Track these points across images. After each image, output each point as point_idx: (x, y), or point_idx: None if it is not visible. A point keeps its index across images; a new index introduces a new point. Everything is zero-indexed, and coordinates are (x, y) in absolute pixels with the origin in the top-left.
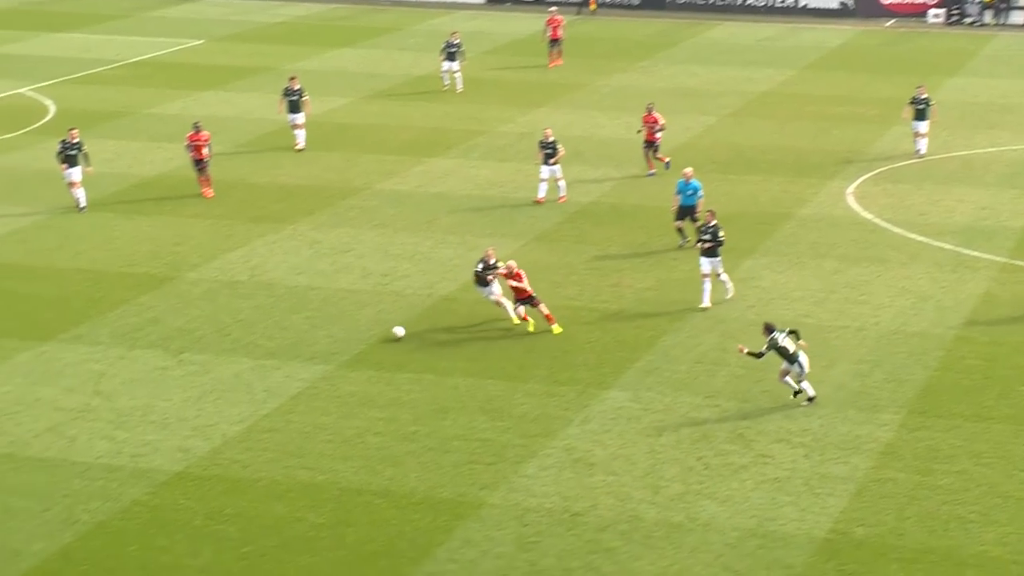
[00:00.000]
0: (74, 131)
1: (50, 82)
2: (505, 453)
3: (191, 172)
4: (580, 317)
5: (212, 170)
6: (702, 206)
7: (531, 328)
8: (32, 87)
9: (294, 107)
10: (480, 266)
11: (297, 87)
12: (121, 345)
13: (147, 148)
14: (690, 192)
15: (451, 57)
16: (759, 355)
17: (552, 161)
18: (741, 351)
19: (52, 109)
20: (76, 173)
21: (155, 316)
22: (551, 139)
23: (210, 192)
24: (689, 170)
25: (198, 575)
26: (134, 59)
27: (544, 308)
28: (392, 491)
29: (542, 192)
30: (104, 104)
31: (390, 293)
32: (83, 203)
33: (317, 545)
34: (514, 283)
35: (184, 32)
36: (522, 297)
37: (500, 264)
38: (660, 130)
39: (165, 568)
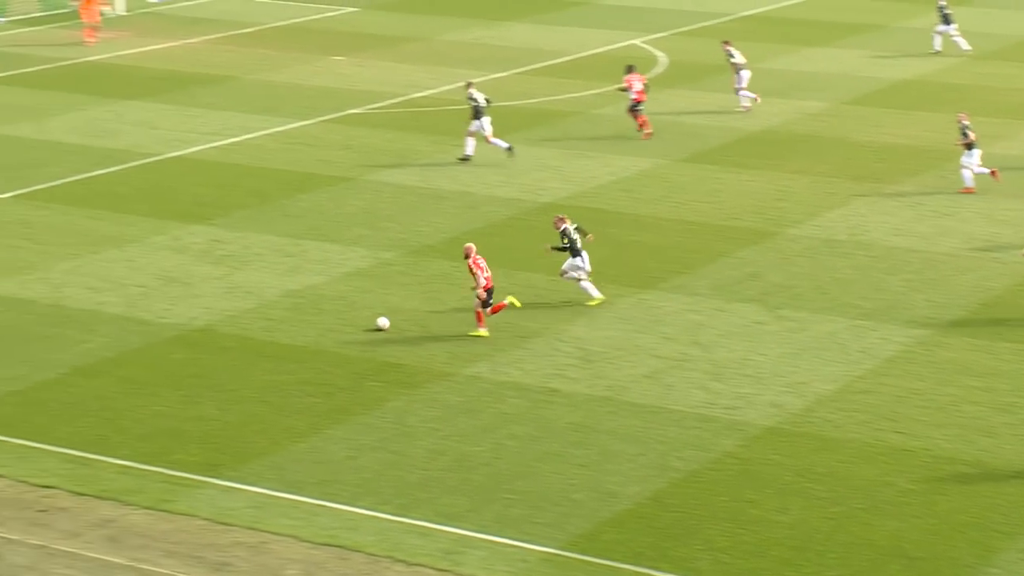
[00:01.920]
0: (472, 84)
1: (663, 34)
2: None
3: (797, 127)
4: None
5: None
6: None
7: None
8: (645, 38)
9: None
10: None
11: (728, 48)
12: (719, 297)
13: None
14: None
15: (946, 20)
16: None
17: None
18: None
19: (663, 61)
20: (480, 124)
21: (754, 271)
22: (965, 123)
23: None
24: None
25: (785, 531)
26: (744, 13)
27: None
28: (986, 462)
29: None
30: (712, 57)
31: (992, 260)
32: (469, 152)
33: (906, 511)
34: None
35: None
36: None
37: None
38: None
39: (753, 521)
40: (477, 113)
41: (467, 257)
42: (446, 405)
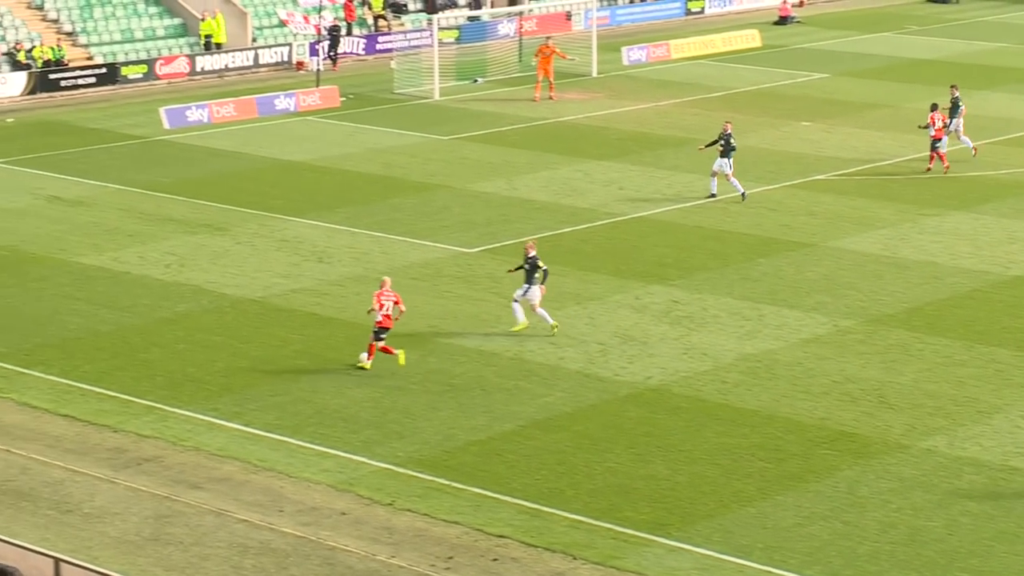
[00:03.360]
0: (728, 124)
1: None
2: None
3: None
4: None
5: None
6: None
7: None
8: None
9: (726, 152)
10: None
11: (956, 94)
12: None
13: None
14: None
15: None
16: None
17: None
18: None
19: None
20: (725, 164)
21: None
22: None
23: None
24: None
25: None
26: None
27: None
28: None
29: None
30: None
31: None
32: (715, 191)
33: None
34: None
35: None
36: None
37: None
38: None
39: None
40: (726, 152)
41: (381, 286)
42: (900, 478)
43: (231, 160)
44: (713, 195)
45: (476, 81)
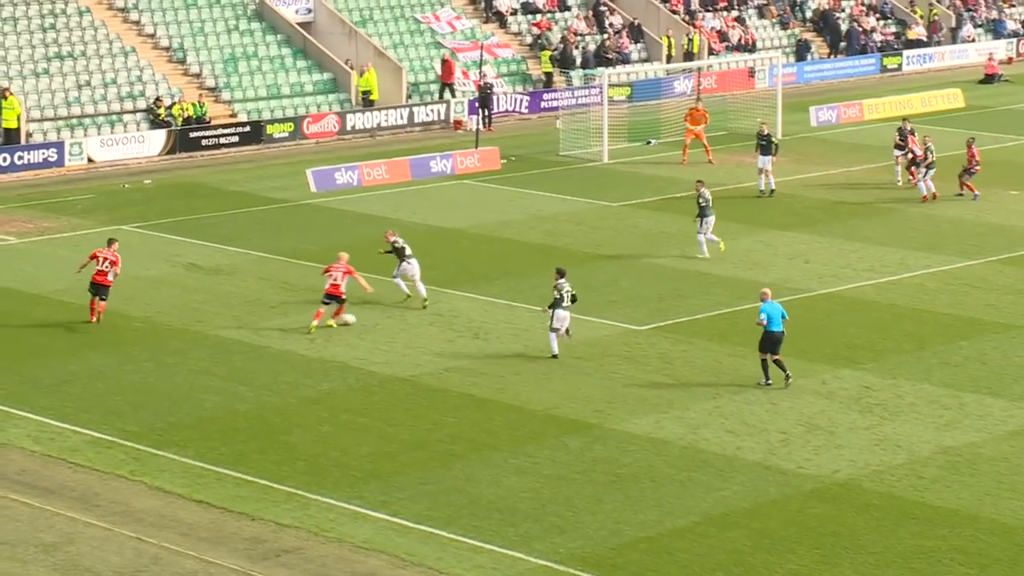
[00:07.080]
0: (764, 125)
1: None
2: None
3: None
4: None
5: None
6: None
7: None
8: None
9: (765, 150)
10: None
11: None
12: None
13: None
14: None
15: (764, 151)
16: None
17: None
18: None
19: None
20: (766, 161)
21: None
22: None
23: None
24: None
25: None
26: None
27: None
28: None
29: None
30: None
31: None
32: (763, 188)
33: None
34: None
35: None
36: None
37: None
38: None
39: None
40: (762, 149)
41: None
42: None
43: (382, 226)
44: (762, 192)
45: (650, 143)
